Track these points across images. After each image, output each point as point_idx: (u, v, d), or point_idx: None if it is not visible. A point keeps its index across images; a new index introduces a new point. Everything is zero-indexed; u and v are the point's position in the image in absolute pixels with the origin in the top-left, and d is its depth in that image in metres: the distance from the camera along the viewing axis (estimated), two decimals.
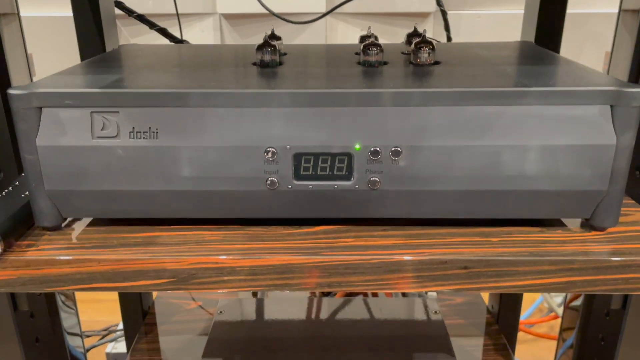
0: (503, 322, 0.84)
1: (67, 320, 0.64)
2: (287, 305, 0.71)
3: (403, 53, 0.55)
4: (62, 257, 0.41)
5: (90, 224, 0.46)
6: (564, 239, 0.43)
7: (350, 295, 0.74)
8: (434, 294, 0.87)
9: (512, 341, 0.82)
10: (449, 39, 0.86)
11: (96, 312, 1.18)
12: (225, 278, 0.41)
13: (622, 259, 0.40)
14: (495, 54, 0.54)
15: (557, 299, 1.16)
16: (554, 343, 0.71)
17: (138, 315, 0.85)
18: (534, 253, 0.41)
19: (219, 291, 0.40)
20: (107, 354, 0.97)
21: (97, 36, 0.62)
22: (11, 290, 0.43)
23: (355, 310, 0.70)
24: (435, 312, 0.71)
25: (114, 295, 0.84)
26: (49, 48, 1.05)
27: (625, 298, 0.54)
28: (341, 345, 0.61)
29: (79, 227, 0.46)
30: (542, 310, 1.22)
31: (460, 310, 0.87)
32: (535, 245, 0.42)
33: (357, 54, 0.54)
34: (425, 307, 0.72)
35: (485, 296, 0.89)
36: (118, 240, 0.43)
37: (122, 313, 0.86)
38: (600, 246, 0.42)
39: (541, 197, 0.42)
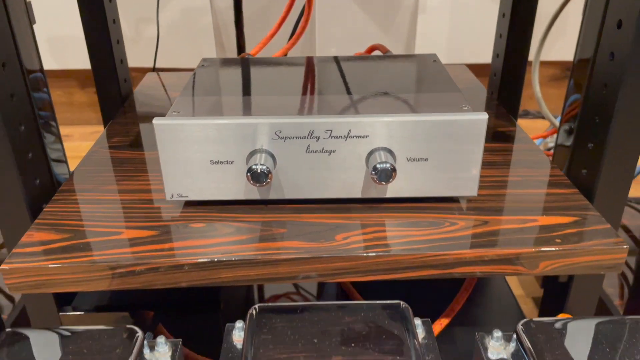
0: (504, 101, 0.79)
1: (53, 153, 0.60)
2: (288, 64, 0.65)
3: None
4: None
5: None
6: None
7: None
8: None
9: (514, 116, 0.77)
10: None
11: None
12: None
13: None
14: None
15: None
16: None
17: (116, 107, 0.80)
18: None
19: None
20: None
21: None
22: None
23: (351, 68, 0.64)
24: (434, 60, 0.66)
25: None
26: None
27: None
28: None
29: None
30: (545, 146, 1.18)
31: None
32: None
33: None
34: (424, 60, 0.67)
35: (485, 82, 0.85)
36: None
37: (100, 104, 0.81)
38: None
39: None
